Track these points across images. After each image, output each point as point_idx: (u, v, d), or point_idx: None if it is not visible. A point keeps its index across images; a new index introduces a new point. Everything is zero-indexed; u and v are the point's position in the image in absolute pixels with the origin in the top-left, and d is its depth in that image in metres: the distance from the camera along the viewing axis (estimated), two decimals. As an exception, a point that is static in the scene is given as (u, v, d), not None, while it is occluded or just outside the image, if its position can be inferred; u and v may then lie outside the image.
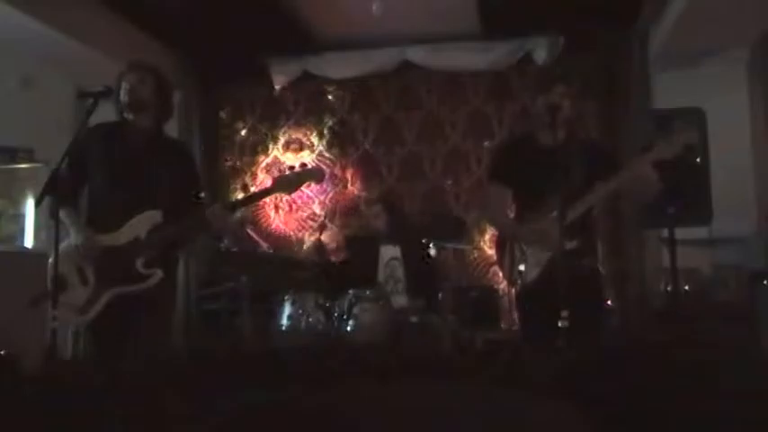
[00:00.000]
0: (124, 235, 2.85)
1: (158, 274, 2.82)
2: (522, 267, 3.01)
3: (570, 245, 2.77)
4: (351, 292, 4.20)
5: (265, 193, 3.17)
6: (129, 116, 2.96)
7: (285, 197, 6.34)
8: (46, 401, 1.22)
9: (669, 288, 4.45)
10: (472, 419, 1.07)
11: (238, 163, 6.57)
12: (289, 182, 3.00)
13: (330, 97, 6.44)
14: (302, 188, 3.40)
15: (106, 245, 2.84)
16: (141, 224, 2.85)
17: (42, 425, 1.15)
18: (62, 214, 2.84)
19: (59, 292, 2.72)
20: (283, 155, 6.47)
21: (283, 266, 5.17)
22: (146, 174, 2.91)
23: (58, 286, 2.69)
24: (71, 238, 2.86)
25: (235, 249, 4.91)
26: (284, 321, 4.28)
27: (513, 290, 3.17)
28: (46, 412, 1.18)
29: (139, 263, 2.82)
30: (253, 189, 6.44)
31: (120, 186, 2.89)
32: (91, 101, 2.84)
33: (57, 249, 2.71)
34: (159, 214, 2.86)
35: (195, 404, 1.17)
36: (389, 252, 4.58)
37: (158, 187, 2.89)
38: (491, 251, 5.65)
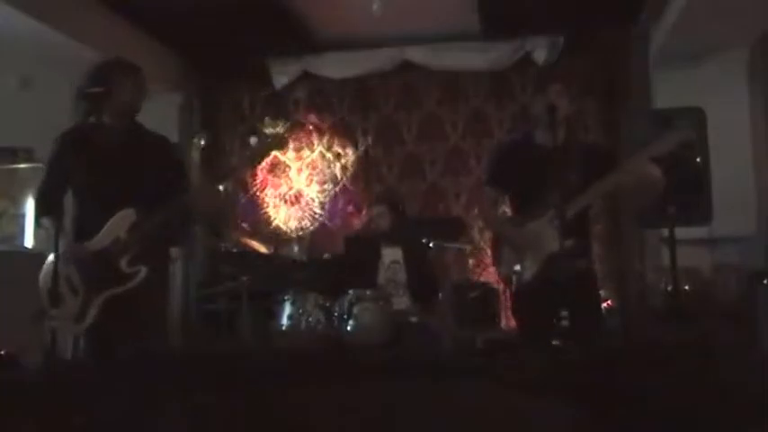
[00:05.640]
0: (104, 238, 2.83)
1: (143, 271, 2.80)
2: (517, 268, 2.99)
3: (566, 245, 2.74)
4: (351, 292, 4.20)
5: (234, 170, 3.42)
6: (109, 119, 2.91)
7: (287, 195, 6.38)
8: (46, 400, 1.22)
9: (669, 288, 4.45)
10: (471, 418, 1.08)
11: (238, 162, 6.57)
12: (252, 155, 3.14)
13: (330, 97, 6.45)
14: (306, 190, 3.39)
15: (89, 251, 2.82)
16: (118, 224, 2.83)
17: (42, 424, 1.16)
18: (47, 224, 2.85)
19: (54, 306, 2.71)
20: (283, 155, 6.47)
21: (283, 266, 5.16)
22: (123, 174, 2.86)
23: (57, 286, 2.69)
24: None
25: (235, 250, 4.91)
26: (284, 321, 4.28)
27: (509, 290, 3.16)
28: (46, 411, 1.18)
29: (123, 262, 2.80)
30: (254, 189, 6.46)
31: (99, 190, 2.87)
32: (91, 101, 2.85)
33: (57, 251, 2.71)
34: (133, 212, 2.82)
35: (193, 403, 1.17)
36: (391, 254, 4.56)
37: (136, 185, 2.85)
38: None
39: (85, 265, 2.80)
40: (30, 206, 5.54)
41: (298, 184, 6.41)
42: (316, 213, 6.36)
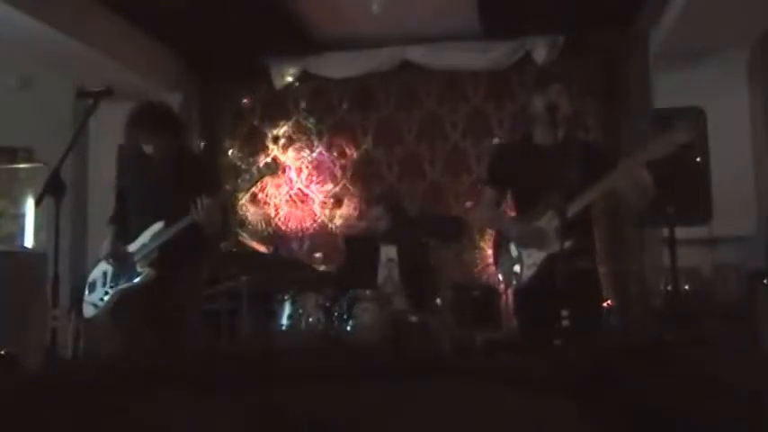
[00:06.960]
0: (137, 243, 3.25)
1: (148, 272, 3.18)
2: (517, 268, 2.98)
3: (565, 244, 2.71)
4: (351, 291, 4.20)
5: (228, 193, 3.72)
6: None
7: (287, 195, 6.38)
8: (46, 400, 1.22)
9: (669, 288, 4.46)
10: (471, 419, 1.08)
11: (239, 163, 6.57)
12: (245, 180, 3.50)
13: (330, 97, 6.45)
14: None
15: (126, 252, 3.26)
16: (147, 234, 3.23)
17: (42, 424, 1.15)
18: (108, 230, 3.38)
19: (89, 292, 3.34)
20: (283, 154, 6.47)
21: (283, 266, 5.16)
22: (166, 192, 3.22)
23: (57, 286, 2.73)
24: (102, 249, 3.35)
25: (234, 249, 4.91)
26: (284, 321, 4.28)
27: (510, 290, 3.17)
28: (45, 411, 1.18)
29: (139, 265, 3.20)
30: (253, 190, 6.45)
31: (147, 206, 3.27)
32: (91, 101, 2.88)
33: (57, 248, 2.77)
34: (162, 224, 3.18)
35: (195, 404, 1.17)
36: (387, 253, 4.58)
37: (173, 202, 3.16)
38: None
39: (117, 263, 3.27)
40: (30, 206, 5.55)
41: (298, 184, 6.41)
42: (315, 213, 6.36)
